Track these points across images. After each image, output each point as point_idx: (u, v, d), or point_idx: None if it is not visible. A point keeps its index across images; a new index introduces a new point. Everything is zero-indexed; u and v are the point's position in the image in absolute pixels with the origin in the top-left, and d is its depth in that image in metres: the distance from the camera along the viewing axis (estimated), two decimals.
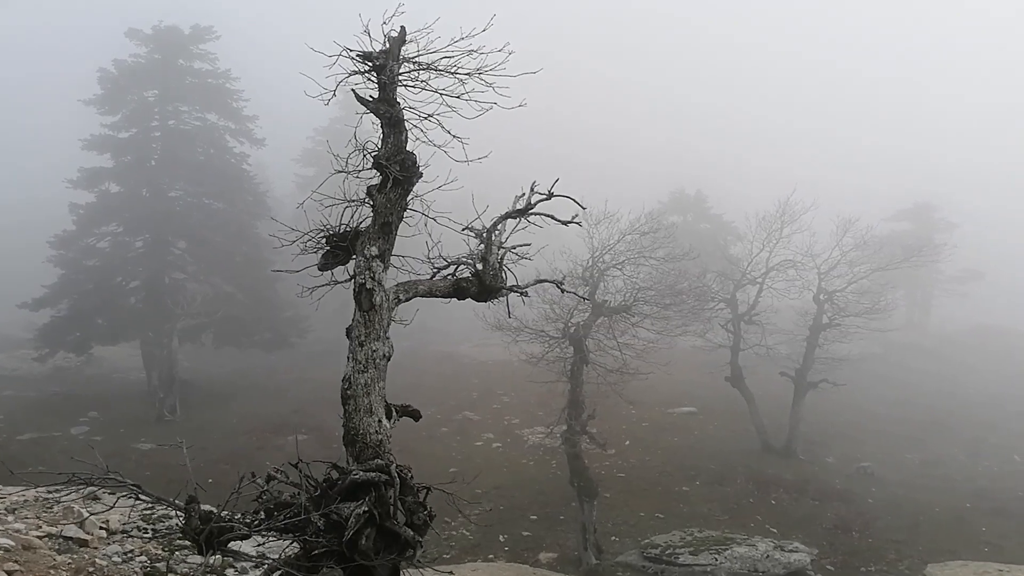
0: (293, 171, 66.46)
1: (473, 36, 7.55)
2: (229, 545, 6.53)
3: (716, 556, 21.17)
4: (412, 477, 7.18)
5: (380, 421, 7.33)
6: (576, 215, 8.87)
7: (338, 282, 8.16)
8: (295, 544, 7.00)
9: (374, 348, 7.39)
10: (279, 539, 6.84)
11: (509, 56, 7.51)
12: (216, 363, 49.90)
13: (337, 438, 27.98)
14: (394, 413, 7.75)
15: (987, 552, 24.27)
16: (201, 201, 44.08)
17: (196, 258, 43.25)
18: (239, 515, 6.49)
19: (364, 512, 6.68)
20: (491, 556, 23.37)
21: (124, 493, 13.85)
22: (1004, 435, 39.43)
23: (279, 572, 6.97)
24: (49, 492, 13.08)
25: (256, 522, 6.56)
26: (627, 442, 34.86)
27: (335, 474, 7.10)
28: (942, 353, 62.18)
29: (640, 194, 51.85)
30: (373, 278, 7.48)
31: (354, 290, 7.60)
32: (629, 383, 24.38)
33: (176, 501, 6.46)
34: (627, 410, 34.30)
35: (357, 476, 6.84)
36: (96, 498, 13.61)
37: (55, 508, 13.06)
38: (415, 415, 8.22)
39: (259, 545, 12.68)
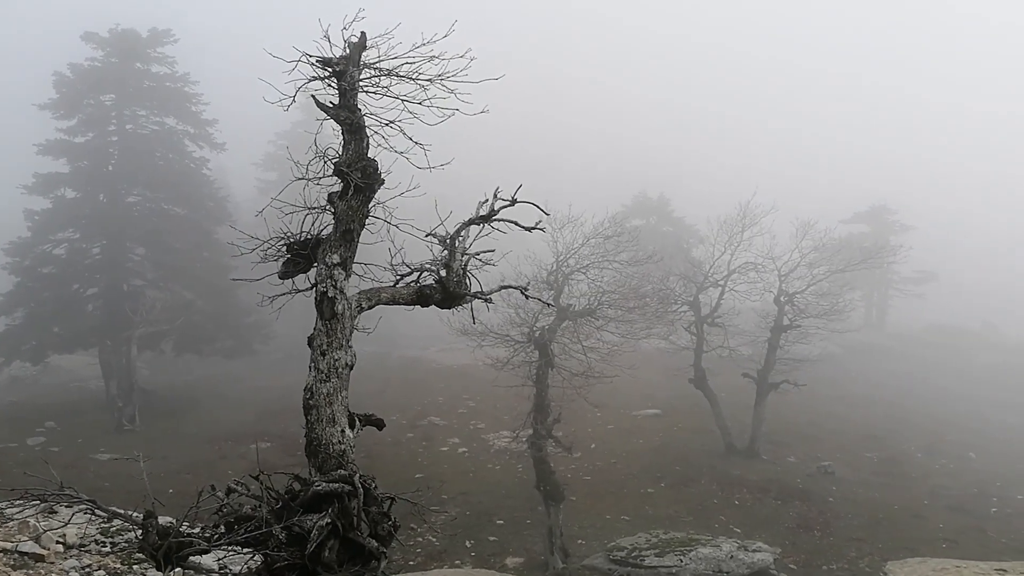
0: (254, 175, 65.81)
1: (435, 42, 7.55)
2: (189, 560, 6.42)
3: (681, 557, 21.29)
4: (376, 487, 7.13)
5: (343, 431, 7.27)
6: (539, 221, 8.89)
7: (299, 290, 8.08)
8: (257, 556, 6.90)
9: (336, 357, 7.33)
10: (240, 553, 6.73)
11: (471, 62, 7.50)
12: (176, 371, 49.20)
13: (301, 446, 27.68)
14: (357, 422, 7.67)
15: (945, 548, 24.71)
16: (160, 207, 43.33)
17: (155, 265, 42.57)
18: (199, 528, 6.39)
19: (327, 524, 6.61)
20: (458, 562, 23.29)
21: (81, 507, 13.61)
22: (959, 433, 40.31)
23: None
24: (3, 507, 12.78)
25: (216, 536, 6.45)
26: (592, 445, 34.99)
27: (297, 485, 7.02)
28: (898, 353, 63.47)
29: (606, 195, 52.27)
30: (335, 286, 7.42)
31: (316, 299, 7.53)
32: (594, 386, 24.48)
33: (134, 515, 6.34)
34: (592, 413, 34.46)
35: (320, 487, 6.78)
36: (53, 511, 13.33)
37: (9, 524, 12.77)
38: (379, 424, 8.16)
39: (221, 558, 12.53)
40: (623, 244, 26.04)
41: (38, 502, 6.38)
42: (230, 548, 6.37)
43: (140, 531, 6.17)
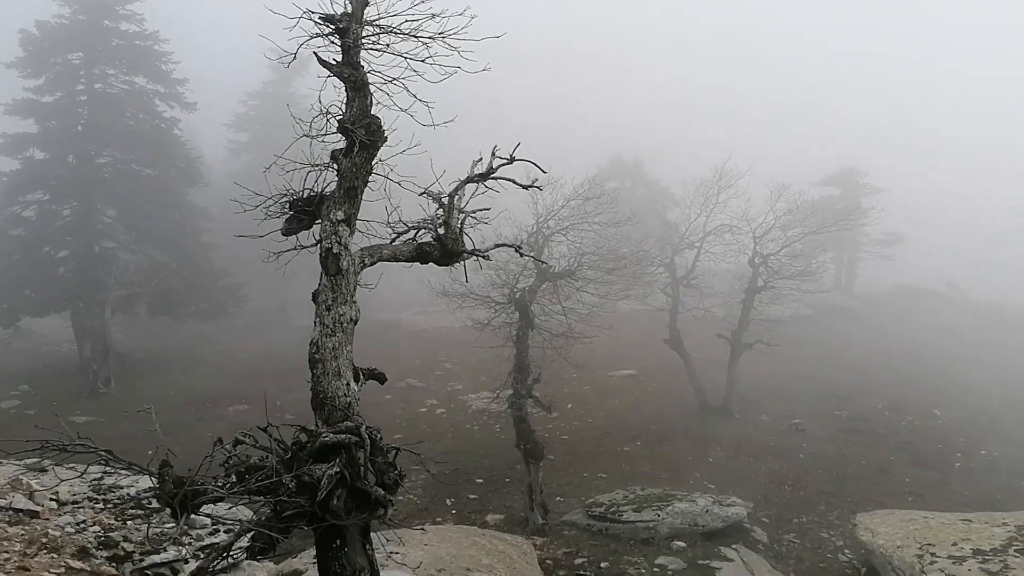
0: (225, 136, 64.82)
1: None
2: (201, 509, 6.59)
3: (658, 512, 21.84)
4: (381, 438, 7.32)
5: (348, 384, 7.43)
6: (536, 180, 9.03)
7: (304, 247, 8.18)
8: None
9: (341, 312, 7.46)
10: (241, 504, 6.90)
11: (472, 20, 7.55)
12: (150, 334, 48.87)
13: (279, 407, 27.91)
14: (361, 376, 7.86)
15: (911, 501, 25.55)
16: (130, 168, 42.59)
17: (127, 227, 42.04)
18: (211, 479, 6.55)
19: (336, 473, 6.80)
20: (439, 519, 23.66)
21: (71, 463, 13.69)
22: (924, 392, 41.38)
23: (249, 534, 7.07)
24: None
25: (229, 485, 6.62)
26: (569, 405, 35.48)
27: (304, 437, 7.19)
28: (867, 314, 64.68)
29: (585, 159, 52.33)
30: (339, 242, 7.52)
31: (320, 255, 7.63)
32: (573, 347, 24.80)
33: (148, 467, 6.48)
34: (568, 374, 34.90)
35: (327, 438, 6.95)
36: (43, 470, 13.42)
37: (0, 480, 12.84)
38: (380, 378, 8.35)
39: (210, 513, 12.70)
40: (602, 206, 26.23)
41: (56, 454, 6.48)
42: (242, 496, 6.53)
43: (156, 481, 6.32)
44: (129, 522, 12.15)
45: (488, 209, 8.84)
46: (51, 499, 12.07)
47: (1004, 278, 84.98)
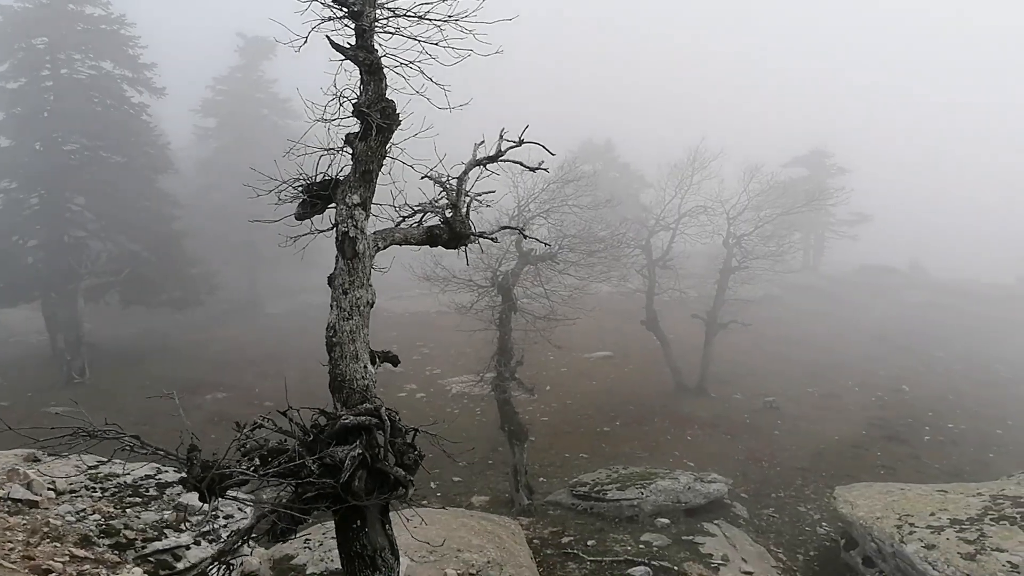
0: (191, 122, 63.86)
1: None
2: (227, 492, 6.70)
3: (642, 490, 22.23)
4: (400, 419, 7.46)
5: (366, 367, 7.55)
6: (542, 162, 9.16)
7: (321, 231, 8.25)
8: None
9: (358, 295, 7.55)
10: (275, 484, 7.01)
11: (483, 2, 7.61)
12: (122, 324, 48.28)
13: (257, 395, 27.83)
14: (376, 359, 7.97)
15: (883, 475, 26.25)
16: (99, 155, 41.77)
17: (97, 215, 41.32)
18: (237, 462, 6.66)
19: (359, 455, 6.93)
20: (425, 502, 23.84)
21: (66, 453, 13.69)
22: (892, 368, 42.35)
23: (270, 516, 7.19)
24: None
25: (254, 468, 6.73)
26: (548, 387, 35.82)
27: (323, 420, 7.30)
28: (834, 293, 65.83)
29: (560, 136, 52.41)
30: (356, 226, 7.60)
31: (336, 238, 7.70)
32: (554, 329, 25.04)
33: (175, 452, 6.57)
34: (546, 356, 35.19)
35: (348, 420, 7.08)
36: (37, 459, 13.37)
37: None
38: (394, 360, 8.47)
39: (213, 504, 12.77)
40: (582, 188, 26.43)
41: (87, 439, 6.54)
42: (266, 479, 6.63)
43: (185, 464, 6.40)
44: (128, 510, 12.17)
45: (493, 192, 8.96)
46: (49, 488, 12.05)
47: (965, 256, 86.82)
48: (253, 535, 7.16)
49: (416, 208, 8.78)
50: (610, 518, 21.51)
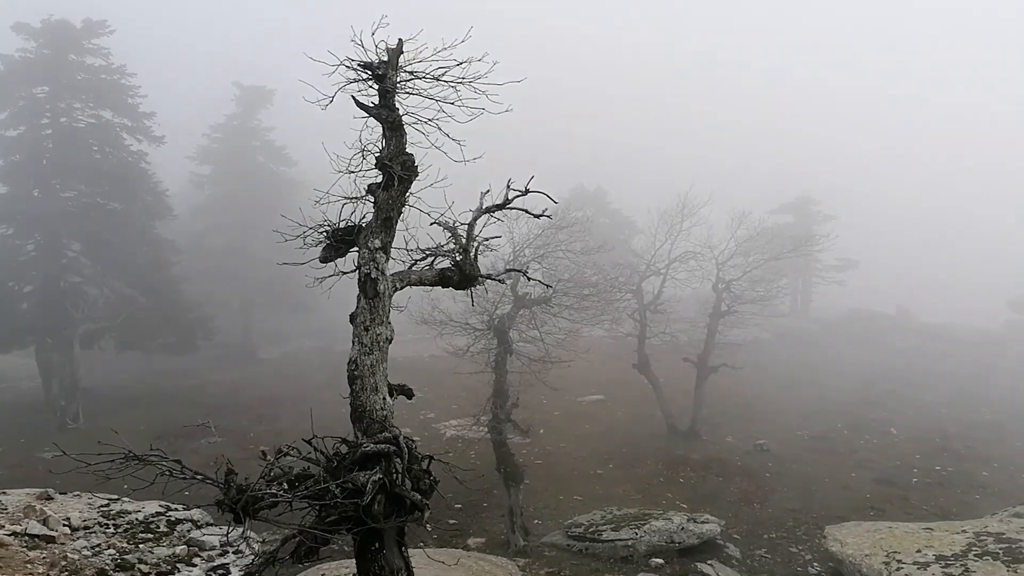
0: (188, 168, 64.63)
1: (455, 47, 8.27)
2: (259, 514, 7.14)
3: (636, 531, 22.52)
4: (417, 447, 7.94)
5: (384, 399, 8.07)
6: (545, 209, 9.80)
7: (345, 273, 8.81)
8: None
9: (378, 332, 8.10)
10: (301, 508, 7.45)
11: (494, 66, 8.31)
12: (117, 369, 48.39)
13: (253, 439, 28.09)
14: (393, 392, 8.49)
15: (872, 515, 26.53)
16: (96, 201, 42.48)
17: (94, 260, 41.78)
18: (267, 485, 7.11)
19: (379, 480, 7.40)
20: (421, 544, 23.99)
21: (76, 492, 14.01)
22: (880, 411, 42.90)
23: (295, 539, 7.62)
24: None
25: (282, 492, 7.18)
26: (541, 430, 36.07)
27: (344, 448, 7.78)
28: (822, 337, 66.71)
29: (553, 182, 53.39)
30: (377, 268, 8.18)
31: (360, 279, 8.27)
32: (550, 371, 25.51)
33: (212, 477, 7.02)
34: (539, 400, 35.55)
35: (368, 448, 7.57)
36: (50, 497, 13.68)
37: (8, 509, 13.06)
38: (409, 393, 8.98)
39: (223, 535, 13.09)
40: (574, 234, 27.16)
41: (137, 464, 6.98)
42: (294, 502, 7.09)
43: (222, 487, 6.86)
44: (141, 545, 12.48)
45: (500, 237, 9.58)
46: (64, 524, 12.36)
47: (950, 301, 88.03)
48: (279, 556, 7.56)
49: (427, 252, 9.37)
50: (605, 558, 21.76)
